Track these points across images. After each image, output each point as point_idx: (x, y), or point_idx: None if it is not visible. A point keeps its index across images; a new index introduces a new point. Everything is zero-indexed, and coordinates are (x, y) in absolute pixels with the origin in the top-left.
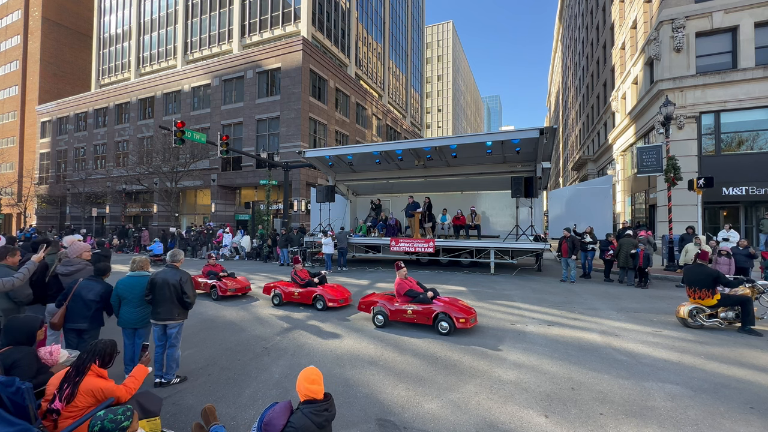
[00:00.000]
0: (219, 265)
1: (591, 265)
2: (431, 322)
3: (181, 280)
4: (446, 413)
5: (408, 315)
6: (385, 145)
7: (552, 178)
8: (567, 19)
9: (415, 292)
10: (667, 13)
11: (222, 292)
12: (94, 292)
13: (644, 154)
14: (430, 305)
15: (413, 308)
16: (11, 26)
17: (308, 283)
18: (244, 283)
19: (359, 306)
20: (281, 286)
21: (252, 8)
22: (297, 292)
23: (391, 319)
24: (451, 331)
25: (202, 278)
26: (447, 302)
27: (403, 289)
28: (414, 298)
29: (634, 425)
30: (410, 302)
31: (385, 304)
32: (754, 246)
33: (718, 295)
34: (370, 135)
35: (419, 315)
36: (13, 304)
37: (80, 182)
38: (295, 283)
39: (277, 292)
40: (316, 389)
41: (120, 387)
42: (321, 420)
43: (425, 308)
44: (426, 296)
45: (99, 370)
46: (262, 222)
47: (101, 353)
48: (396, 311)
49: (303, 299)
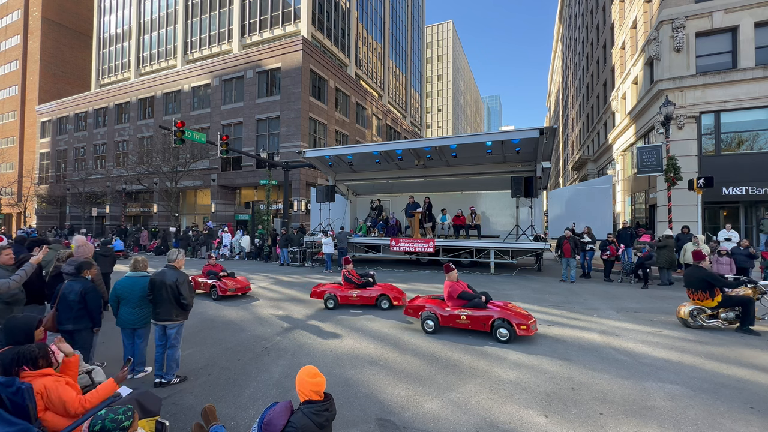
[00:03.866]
0: (219, 265)
1: (591, 265)
2: (488, 329)
3: (177, 281)
4: (446, 413)
5: (462, 321)
6: (385, 145)
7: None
8: (567, 19)
9: (469, 295)
10: (667, 13)
11: (222, 291)
12: (74, 292)
13: (644, 154)
14: (485, 310)
15: (468, 313)
16: (11, 26)
17: (366, 283)
18: (244, 282)
19: (406, 311)
20: (333, 289)
21: (252, 8)
22: (356, 293)
23: (443, 325)
24: (511, 339)
25: (201, 278)
26: (502, 306)
27: (455, 291)
28: (468, 302)
29: (634, 425)
30: (463, 306)
31: (435, 308)
32: (754, 246)
33: (719, 297)
34: (370, 135)
35: (474, 321)
36: (3, 305)
37: (80, 182)
38: (351, 284)
39: (332, 296)
40: (319, 381)
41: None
42: (321, 420)
43: (481, 313)
44: (481, 300)
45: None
46: (262, 222)
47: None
48: (448, 317)
49: (363, 300)
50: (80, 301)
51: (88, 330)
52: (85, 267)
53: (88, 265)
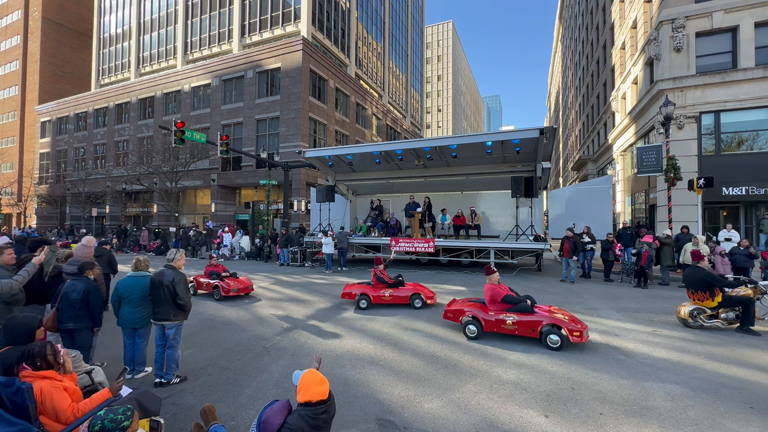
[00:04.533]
0: (221, 266)
1: (591, 265)
2: (537, 335)
3: (174, 281)
4: (446, 413)
5: (508, 326)
6: (385, 145)
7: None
8: (567, 19)
9: (514, 298)
10: (667, 13)
11: (225, 292)
12: (77, 291)
13: (644, 154)
14: (533, 315)
15: (515, 318)
16: (11, 26)
17: (398, 282)
18: (246, 283)
19: (445, 315)
20: (365, 289)
21: (252, 8)
22: (388, 293)
23: (486, 330)
24: (563, 346)
25: (204, 278)
26: (550, 311)
27: (498, 294)
28: (513, 306)
29: (634, 425)
30: (508, 311)
31: (478, 313)
32: (754, 246)
33: (719, 297)
34: (370, 135)
35: (522, 326)
36: (3, 305)
37: (80, 182)
38: (383, 283)
39: (365, 295)
40: (324, 391)
41: (66, 398)
42: (318, 423)
43: (529, 318)
44: (527, 304)
45: (39, 373)
46: (262, 222)
47: (29, 357)
48: (493, 322)
49: (396, 300)
50: (83, 300)
51: (88, 329)
52: (87, 267)
53: (90, 265)
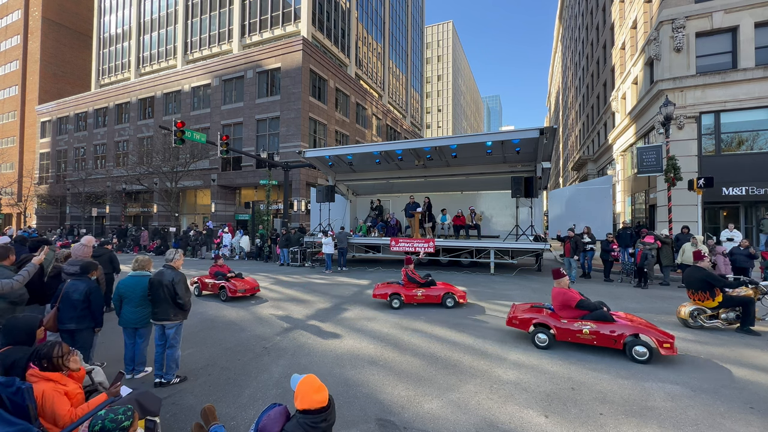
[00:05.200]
0: (226, 266)
1: (591, 265)
2: (620, 346)
3: (173, 280)
4: (446, 413)
5: (584, 336)
6: (385, 145)
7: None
8: (567, 19)
9: (590, 304)
10: (667, 13)
11: (231, 293)
12: (78, 291)
13: (644, 154)
14: (613, 323)
15: (592, 327)
16: (11, 26)
17: (429, 282)
18: (252, 283)
19: (509, 322)
20: (397, 289)
21: (252, 8)
22: (421, 292)
23: (559, 340)
24: (650, 359)
25: (209, 279)
26: (628, 318)
27: (572, 299)
28: (589, 313)
29: (634, 425)
30: (584, 318)
31: (548, 320)
32: (754, 246)
33: (720, 297)
34: (370, 135)
35: (602, 336)
36: (8, 304)
37: (80, 182)
38: (414, 283)
39: (398, 295)
40: (322, 399)
41: (66, 403)
42: (317, 431)
43: (610, 328)
44: (604, 311)
45: (44, 374)
46: (262, 222)
47: (37, 357)
48: (567, 330)
49: (429, 299)
50: (84, 301)
51: (89, 330)
52: (92, 268)
53: (94, 265)
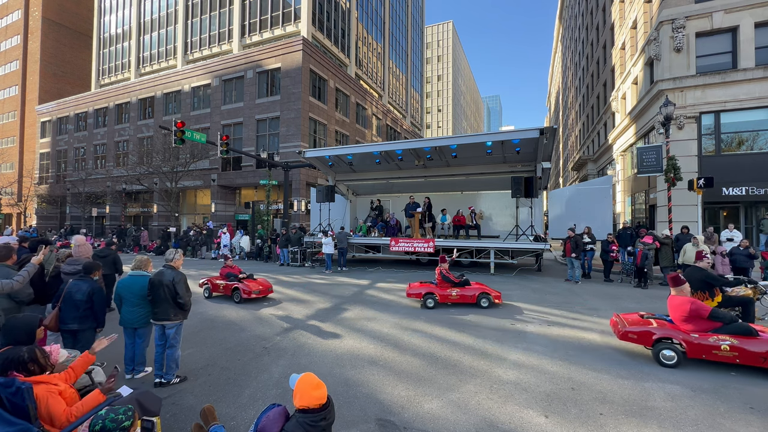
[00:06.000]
0: (237, 267)
1: (591, 265)
2: None
3: (174, 280)
4: (446, 413)
5: (724, 352)
6: (385, 145)
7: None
8: (567, 19)
9: (726, 315)
10: (667, 13)
11: (246, 294)
12: (81, 291)
13: (644, 154)
14: (758, 338)
15: (733, 342)
16: (11, 26)
17: (464, 281)
18: (266, 284)
19: (624, 336)
20: (431, 288)
21: (252, 8)
22: (455, 292)
23: (691, 357)
24: None
25: (220, 280)
26: None
27: (703, 309)
28: (725, 325)
29: (634, 425)
30: (718, 332)
31: (675, 333)
32: (754, 246)
33: (719, 297)
34: (370, 135)
35: (746, 354)
36: (14, 304)
37: (80, 182)
38: (448, 282)
39: (432, 295)
40: (321, 395)
41: (62, 403)
42: (317, 430)
43: (759, 345)
44: (746, 324)
45: (37, 378)
46: (262, 222)
47: (15, 364)
48: (701, 347)
49: (464, 299)
50: (87, 301)
51: (91, 330)
52: (95, 268)
53: (96, 266)
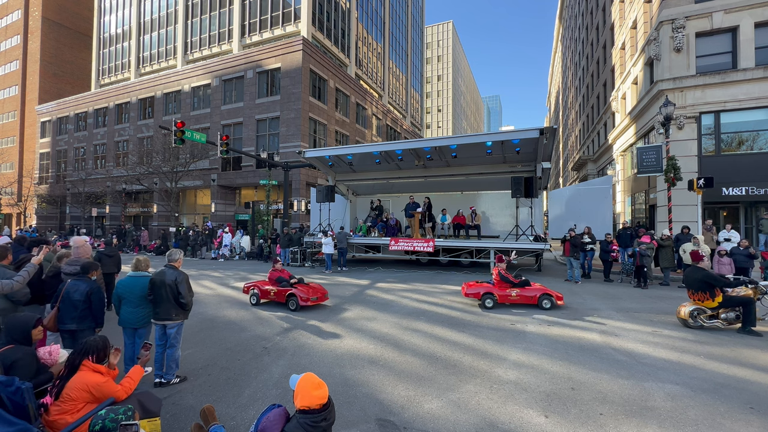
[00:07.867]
0: (286, 271)
1: (591, 265)
2: None
3: (176, 280)
4: (446, 413)
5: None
6: (385, 145)
7: (552, 178)
8: (567, 19)
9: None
10: (667, 14)
11: (303, 302)
12: (79, 291)
13: (644, 154)
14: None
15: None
16: (11, 26)
17: (523, 282)
18: (322, 290)
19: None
20: (490, 288)
21: (252, 8)
22: (515, 292)
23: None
24: None
25: (269, 286)
26: None
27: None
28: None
29: (634, 425)
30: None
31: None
32: (753, 246)
33: (720, 297)
34: (370, 135)
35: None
36: (10, 304)
37: (80, 182)
38: (507, 283)
39: (491, 294)
40: (322, 395)
41: (116, 385)
42: (318, 430)
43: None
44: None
45: (95, 366)
46: (262, 222)
47: (93, 349)
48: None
49: (524, 300)
50: (85, 301)
51: (90, 330)
52: (93, 268)
53: (95, 266)
